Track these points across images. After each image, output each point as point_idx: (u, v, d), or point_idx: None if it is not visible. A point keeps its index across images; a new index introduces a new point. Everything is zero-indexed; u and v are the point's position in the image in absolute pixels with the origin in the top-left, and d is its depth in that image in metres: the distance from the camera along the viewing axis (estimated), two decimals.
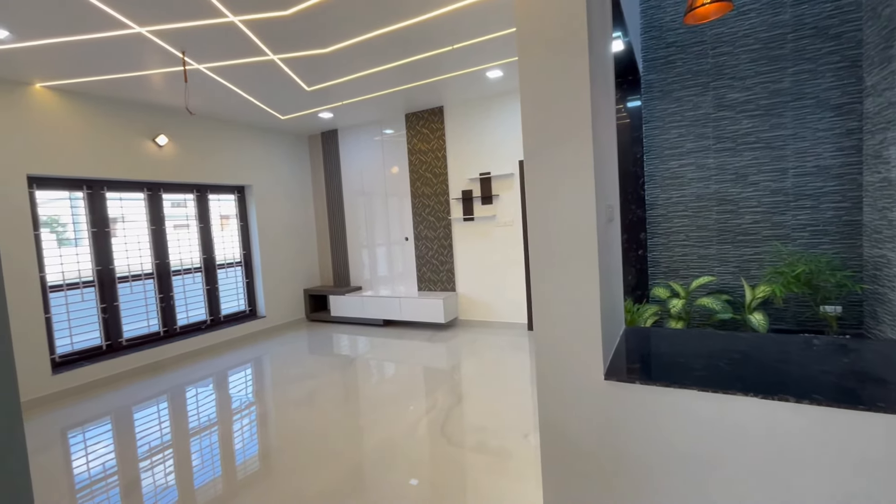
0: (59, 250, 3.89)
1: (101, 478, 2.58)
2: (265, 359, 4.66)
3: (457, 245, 5.31)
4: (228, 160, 5.20)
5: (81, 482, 2.55)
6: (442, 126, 5.21)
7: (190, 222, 5.00)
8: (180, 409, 3.51)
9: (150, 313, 4.58)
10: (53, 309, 3.86)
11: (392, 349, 4.67)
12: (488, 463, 2.39)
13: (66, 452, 2.92)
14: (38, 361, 3.62)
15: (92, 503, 2.35)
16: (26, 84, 3.58)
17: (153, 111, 4.44)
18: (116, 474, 2.60)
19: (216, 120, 5.05)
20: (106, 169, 4.08)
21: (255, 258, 5.63)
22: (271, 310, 5.72)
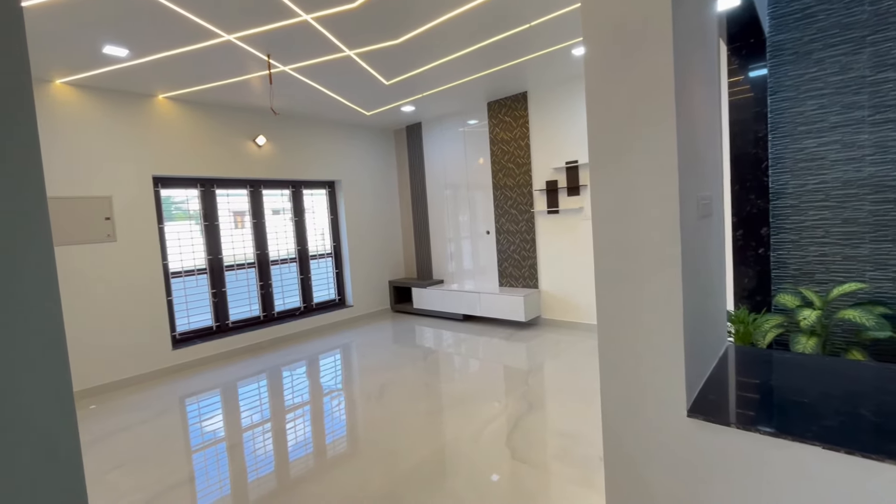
0: (178, 241, 4.43)
1: (211, 441, 2.90)
2: (352, 346, 4.86)
3: (540, 239, 4.99)
4: (320, 157, 5.49)
5: (196, 443, 2.91)
6: (525, 113, 4.91)
7: (286, 216, 5.39)
8: (277, 387, 3.80)
9: (251, 299, 5.04)
10: (174, 292, 4.42)
11: (469, 345, 4.56)
12: (552, 487, 2.14)
13: (183, 417, 3.33)
14: (161, 338, 4.18)
15: (203, 462, 2.64)
16: (151, 96, 4.10)
17: (252, 113, 4.83)
18: (224, 440, 2.90)
19: (307, 119, 5.35)
20: (215, 168, 4.54)
21: (343, 250, 5.90)
22: (358, 299, 5.96)
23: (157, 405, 3.51)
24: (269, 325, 5.06)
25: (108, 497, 2.29)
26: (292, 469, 2.49)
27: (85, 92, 3.72)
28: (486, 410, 2.98)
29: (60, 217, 3.58)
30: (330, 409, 3.26)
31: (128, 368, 3.96)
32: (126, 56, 3.16)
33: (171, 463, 2.60)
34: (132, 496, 2.28)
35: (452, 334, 5.02)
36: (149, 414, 3.33)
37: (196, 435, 3.04)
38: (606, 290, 1.30)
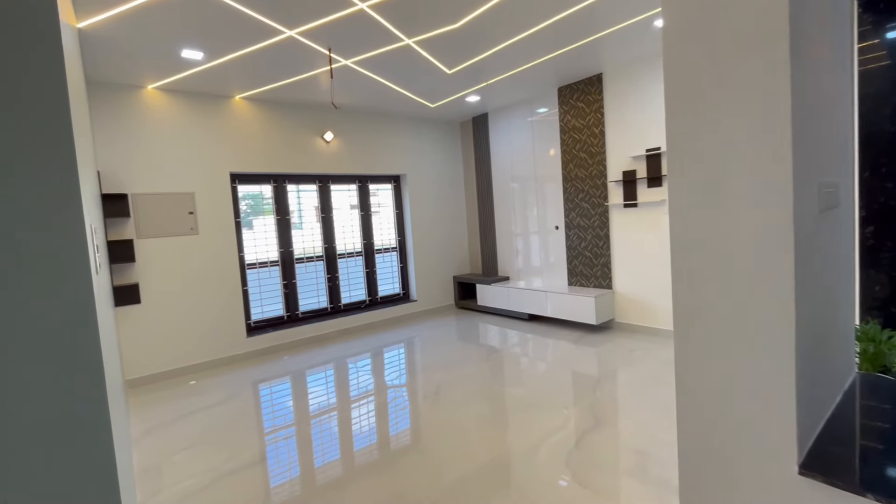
0: (253, 234, 4.67)
1: (282, 426, 3.03)
2: (415, 341, 4.83)
3: (615, 235, 4.56)
4: (386, 151, 5.51)
5: (268, 426, 3.04)
6: (600, 97, 4.49)
7: (353, 210, 5.49)
8: (343, 377, 3.88)
9: (319, 291, 5.20)
10: (249, 283, 4.67)
11: (534, 347, 4.30)
12: None
13: (256, 400, 3.49)
14: (236, 325, 4.44)
15: (274, 444, 2.76)
16: (229, 97, 4.34)
17: (320, 110, 4.94)
18: (293, 425, 3.02)
19: (373, 113, 5.38)
20: (286, 165, 4.72)
21: (408, 244, 5.90)
22: (422, 294, 5.93)
23: (231, 389, 3.71)
24: (336, 317, 5.19)
25: (176, 476, 2.41)
26: (360, 456, 2.46)
27: (172, 96, 4.02)
28: (547, 421, 2.74)
29: (151, 211, 3.92)
30: (386, 405, 3.21)
31: (207, 352, 4.26)
32: (202, 59, 3.34)
33: (240, 446, 2.70)
34: (198, 477, 2.39)
35: (517, 334, 4.78)
36: (222, 397, 3.53)
37: (262, 419, 3.17)
38: (686, 299, 1.03)
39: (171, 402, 3.49)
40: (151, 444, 2.80)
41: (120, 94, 3.77)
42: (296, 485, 2.29)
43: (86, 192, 1.55)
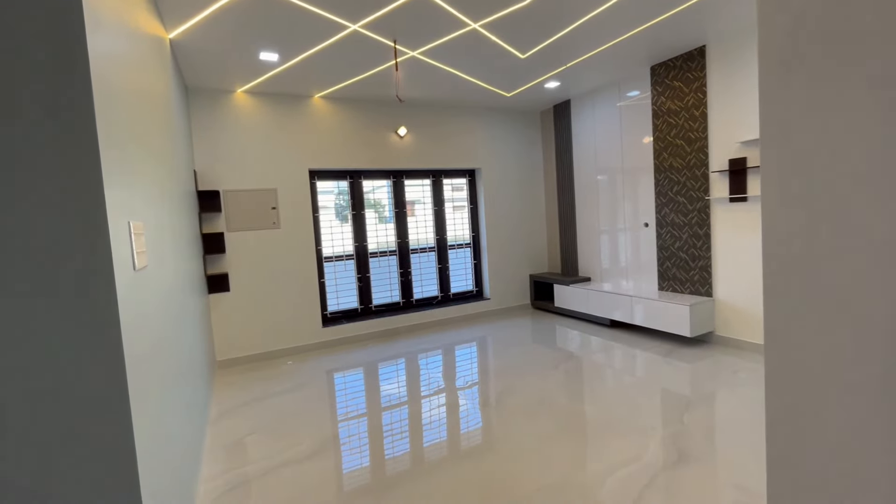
0: (330, 229, 4.84)
1: (354, 414, 3.11)
2: (487, 341, 4.66)
3: (717, 234, 3.92)
4: (460, 145, 5.37)
5: (341, 413, 3.14)
6: (702, 73, 3.86)
7: (426, 205, 5.45)
8: (414, 372, 3.88)
9: (392, 285, 5.25)
10: (326, 275, 4.86)
11: (615, 358, 3.87)
12: None
13: (331, 388, 3.62)
14: (313, 316, 4.64)
15: (347, 432, 2.83)
16: (308, 97, 4.52)
17: (393, 105, 4.94)
18: (365, 415, 3.07)
19: (446, 106, 5.26)
20: (361, 161, 4.81)
21: (482, 241, 5.71)
22: (496, 292, 5.72)
23: (308, 376, 3.88)
24: (408, 312, 5.20)
25: (238, 460, 2.53)
26: (430, 452, 2.38)
27: (258, 98, 4.29)
28: (619, 448, 2.39)
29: (239, 206, 4.22)
30: (445, 406, 3.09)
31: (286, 340, 4.51)
32: (277, 60, 3.48)
33: (305, 433, 2.77)
34: (257, 463, 2.48)
35: (597, 341, 4.36)
36: (296, 384, 3.70)
37: (341, 406, 3.28)
38: (781, 319, 0.72)
39: (252, 386, 3.73)
40: (225, 426, 3.00)
41: (215, 98, 4.10)
42: (344, 478, 2.27)
43: (144, 192, 1.63)
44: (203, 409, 3.02)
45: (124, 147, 1.41)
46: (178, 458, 1.80)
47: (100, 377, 1.09)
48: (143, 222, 1.59)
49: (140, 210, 1.55)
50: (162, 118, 2.39)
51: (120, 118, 1.39)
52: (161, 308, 1.82)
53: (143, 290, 1.50)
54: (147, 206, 1.68)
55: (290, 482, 2.29)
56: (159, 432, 1.44)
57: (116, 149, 1.27)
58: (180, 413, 2.13)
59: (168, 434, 1.62)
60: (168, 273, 2.09)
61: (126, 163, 1.41)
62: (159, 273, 1.82)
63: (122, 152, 1.37)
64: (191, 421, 2.47)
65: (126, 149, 1.43)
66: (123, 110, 1.46)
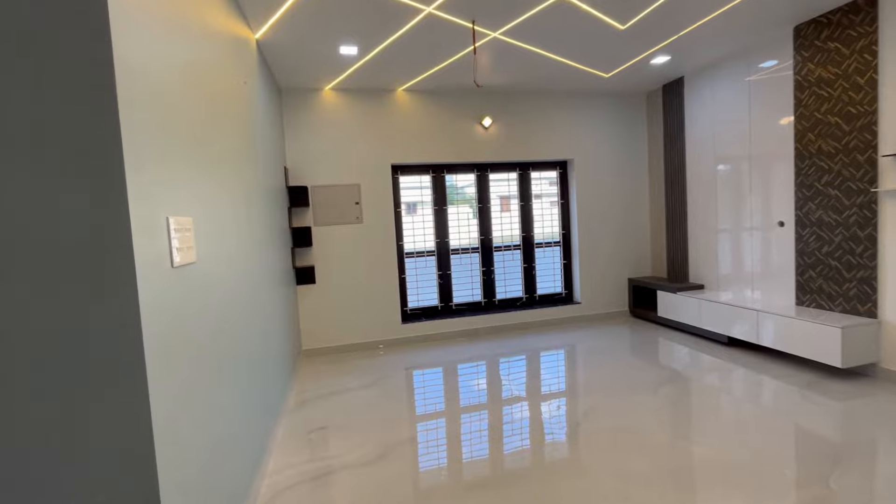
0: (412, 224, 4.77)
1: (433, 413, 3.03)
2: (576, 349, 4.24)
3: (887, 238, 3.02)
4: (550, 134, 4.94)
5: (420, 412, 3.06)
6: (871, 28, 2.98)
7: (511, 200, 5.12)
8: (493, 377, 3.68)
9: (473, 284, 5.03)
10: (407, 271, 4.81)
11: (732, 385, 3.20)
12: None
13: (406, 387, 3.55)
14: (393, 312, 4.62)
15: (425, 431, 2.75)
16: (392, 90, 4.47)
17: (477, 95, 4.68)
18: (444, 415, 2.99)
19: (535, 93, 4.85)
20: (444, 154, 4.65)
21: (573, 239, 5.22)
22: (588, 296, 5.19)
23: (385, 371, 3.85)
24: (489, 313, 4.94)
25: (306, 455, 2.52)
26: (511, 459, 2.17)
27: (343, 94, 4.34)
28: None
29: (325, 201, 4.34)
30: (522, 421, 2.78)
31: (366, 334, 4.55)
32: (357, 54, 3.44)
33: (373, 434, 2.70)
34: (325, 461, 2.44)
35: (710, 361, 3.68)
36: (373, 379, 3.68)
37: (420, 404, 3.21)
38: None
39: (331, 378, 3.79)
40: (301, 417, 3.04)
41: (305, 97, 4.24)
42: (410, 484, 2.11)
43: (197, 189, 1.61)
44: (281, 397, 3.11)
45: (163, 147, 1.36)
46: (232, 446, 1.79)
47: (113, 365, 1.06)
48: (193, 218, 1.56)
49: (187, 206, 1.51)
50: (236, 119, 2.43)
51: (158, 123, 1.34)
52: (219, 301, 1.81)
53: (189, 284, 1.47)
54: (201, 202, 1.66)
55: (353, 484, 2.19)
56: (202, 421, 1.39)
57: (149, 148, 1.22)
58: (246, 399, 2.14)
59: (217, 421, 1.59)
60: (235, 266, 2.10)
61: (167, 162, 1.36)
62: (217, 267, 1.81)
63: (159, 152, 1.33)
64: (261, 409, 2.51)
65: (166, 149, 1.39)
66: (162, 115, 1.41)
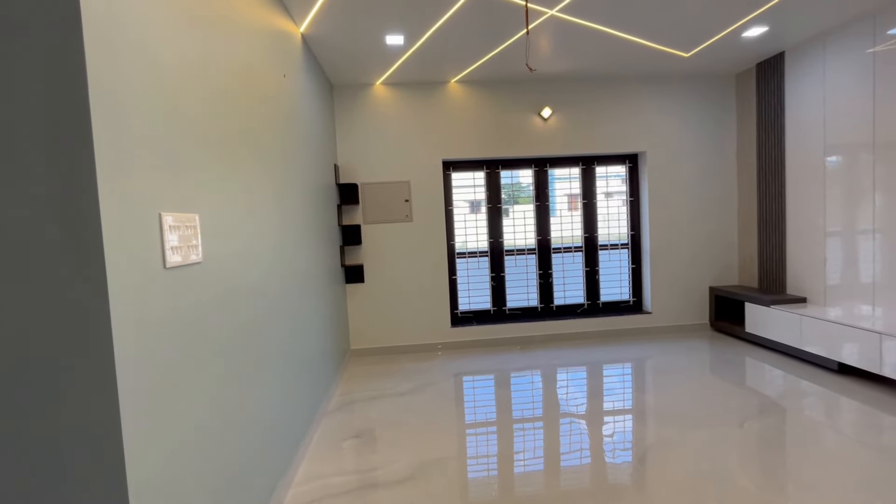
0: (464, 223, 4.54)
1: (483, 422, 2.87)
2: (645, 366, 3.78)
3: None
4: (618, 125, 4.45)
5: (466, 424, 2.86)
6: None
7: (573, 197, 4.70)
8: (551, 387, 3.41)
9: (529, 288, 4.69)
10: (458, 272, 4.59)
11: (843, 423, 2.60)
12: None
13: (453, 395, 3.34)
14: (442, 314, 4.42)
15: (469, 447, 2.56)
16: (444, 82, 4.26)
17: (535, 84, 4.33)
18: (495, 424, 2.81)
19: (600, 79, 4.39)
20: (499, 149, 4.36)
21: (644, 241, 4.68)
22: (660, 306, 4.63)
23: (429, 377, 3.67)
24: (546, 320, 4.58)
25: (337, 466, 2.39)
26: (570, 476, 1.91)
27: (394, 89, 4.21)
28: None
29: (374, 199, 4.24)
30: (578, 444, 2.45)
31: (414, 336, 4.40)
32: (403, 43, 3.27)
33: (411, 447, 2.53)
34: (349, 476, 2.30)
35: (815, 391, 3.05)
36: (418, 384, 3.51)
37: (469, 411, 3.04)
38: None
39: (376, 380, 3.68)
40: (339, 421, 2.94)
41: (356, 93, 4.17)
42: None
43: (202, 185, 1.50)
44: (323, 396, 3.03)
45: (154, 141, 1.25)
46: (258, 451, 1.68)
47: (85, 372, 0.94)
48: (199, 214, 1.45)
49: (192, 203, 1.40)
50: (270, 115, 2.35)
51: (156, 118, 1.23)
52: (237, 300, 1.71)
53: (191, 284, 1.36)
54: (214, 199, 1.56)
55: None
56: (210, 425, 1.25)
57: (141, 142, 1.10)
58: (278, 402, 2.05)
59: (238, 426, 1.47)
60: (260, 265, 2.00)
61: (162, 156, 1.25)
62: (235, 265, 1.70)
63: (157, 147, 1.22)
64: (297, 411, 2.42)
65: (159, 143, 1.27)
66: (162, 111, 1.31)
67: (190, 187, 1.40)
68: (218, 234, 1.58)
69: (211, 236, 1.52)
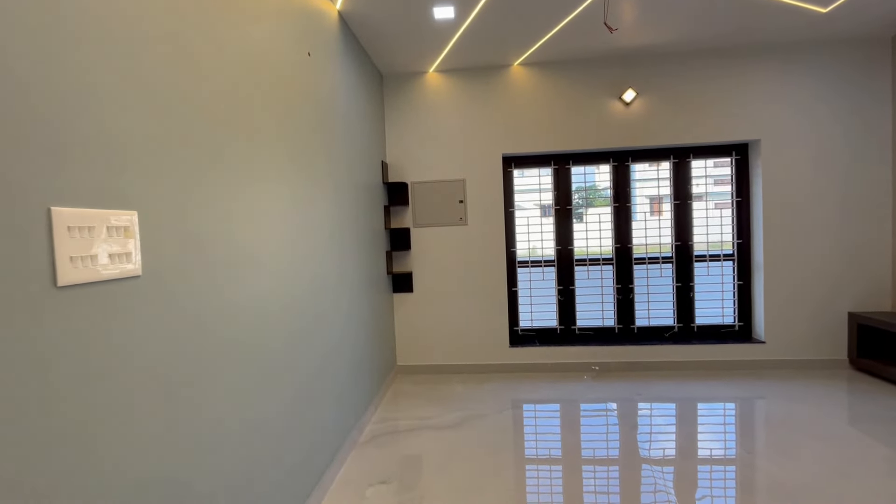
0: (527, 227, 3.96)
1: (545, 458, 2.44)
2: (758, 411, 2.98)
3: None
4: (722, 107, 3.60)
5: (530, 468, 2.37)
6: None
7: (662, 197, 3.91)
8: (629, 425, 2.81)
9: (605, 305, 3.97)
10: (519, 284, 4.01)
11: None
12: None
13: (513, 429, 2.84)
14: (500, 332, 3.86)
15: (535, 481, 2.20)
16: (506, 66, 3.72)
17: (616, 61, 3.63)
18: (560, 462, 2.37)
19: (700, 52, 3.57)
20: (570, 141, 3.73)
21: (755, 251, 3.76)
22: (777, 333, 3.67)
23: (481, 407, 3.15)
24: (626, 344, 3.83)
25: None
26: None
27: (450, 76, 3.76)
28: None
29: (425, 200, 3.82)
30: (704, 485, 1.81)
31: (466, 355, 3.89)
32: (454, 17, 2.80)
33: (456, 499, 2.05)
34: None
35: None
36: (467, 415, 3.00)
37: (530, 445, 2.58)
38: None
39: (419, 406, 3.23)
40: (369, 458, 2.52)
41: (407, 83, 3.79)
42: None
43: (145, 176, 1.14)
44: (353, 424, 2.64)
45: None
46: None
47: None
48: (138, 211, 1.08)
49: (129, 199, 1.04)
50: (281, 102, 2.01)
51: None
52: (208, 325, 1.34)
53: (116, 304, 0.99)
54: (155, 192, 1.20)
55: None
56: None
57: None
58: (281, 439, 1.67)
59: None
60: (268, 276, 1.64)
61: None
62: (202, 279, 1.33)
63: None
64: (315, 446, 2.04)
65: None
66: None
67: (129, 176, 1.04)
68: (186, 238, 1.22)
69: (169, 241, 1.16)
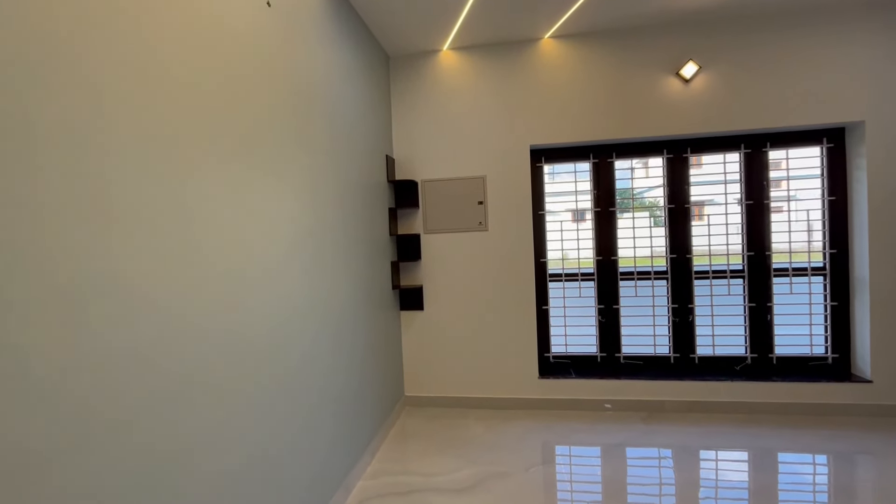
0: (560, 233, 3.30)
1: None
2: (860, 474, 2.22)
3: None
4: (811, 82, 2.86)
5: None
6: None
7: (731, 197, 3.17)
8: (691, 478, 2.20)
9: (657, 328, 3.24)
10: (551, 301, 3.35)
11: None
12: None
13: (548, 488, 2.20)
14: (527, 359, 3.21)
15: None
16: (536, 40, 3.12)
17: (672, 29, 2.96)
18: None
19: (781, 14, 2.85)
20: (613, 129, 3.07)
21: (857, 263, 2.96)
22: (888, 369, 2.84)
23: (504, 454, 2.52)
24: (684, 379, 3.08)
25: None
26: None
27: (466, 54, 3.19)
28: None
29: (437, 201, 3.24)
30: None
31: (487, 387, 3.24)
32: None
33: None
34: None
35: None
36: (486, 468, 2.37)
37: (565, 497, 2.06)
38: None
39: (427, 453, 2.62)
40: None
41: (417, 65, 3.25)
42: None
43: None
44: (341, 480, 2.04)
45: None
46: None
47: None
48: None
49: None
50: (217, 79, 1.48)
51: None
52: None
53: None
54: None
55: None
56: None
57: None
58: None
59: None
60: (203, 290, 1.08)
61: None
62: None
63: None
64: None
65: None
66: None
67: None
68: None
69: None
